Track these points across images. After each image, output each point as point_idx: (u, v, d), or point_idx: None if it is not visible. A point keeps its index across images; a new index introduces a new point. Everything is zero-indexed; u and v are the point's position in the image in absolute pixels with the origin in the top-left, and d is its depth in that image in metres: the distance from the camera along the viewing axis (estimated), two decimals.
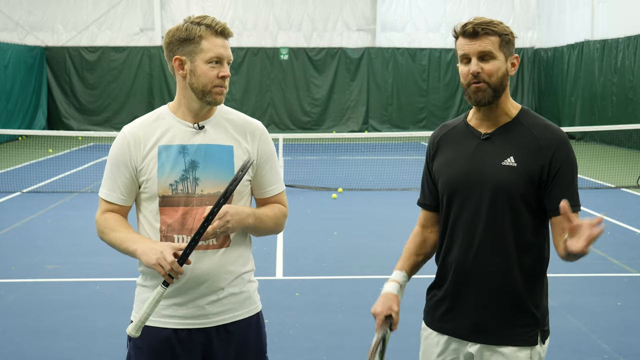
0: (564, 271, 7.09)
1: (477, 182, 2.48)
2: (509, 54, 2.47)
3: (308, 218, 9.50)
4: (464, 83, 2.48)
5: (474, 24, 2.44)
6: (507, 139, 2.49)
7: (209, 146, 2.57)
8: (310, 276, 6.90)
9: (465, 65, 2.46)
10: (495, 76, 2.43)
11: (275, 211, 2.69)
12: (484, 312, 2.52)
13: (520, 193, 2.44)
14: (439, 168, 2.60)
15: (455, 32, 2.48)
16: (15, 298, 6.24)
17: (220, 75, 2.52)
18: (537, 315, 2.52)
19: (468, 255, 2.51)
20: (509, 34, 2.46)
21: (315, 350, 5.08)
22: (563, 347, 5.08)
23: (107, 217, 2.61)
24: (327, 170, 13.84)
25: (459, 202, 2.52)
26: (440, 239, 2.63)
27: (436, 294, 2.64)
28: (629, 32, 17.68)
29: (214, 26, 2.51)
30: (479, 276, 2.50)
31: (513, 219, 2.46)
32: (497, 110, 2.51)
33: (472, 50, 2.43)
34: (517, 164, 2.44)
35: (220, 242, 2.58)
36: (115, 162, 2.59)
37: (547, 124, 2.52)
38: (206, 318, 2.59)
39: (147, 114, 2.68)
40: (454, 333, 2.58)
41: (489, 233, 2.47)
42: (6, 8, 22.22)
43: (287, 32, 23.09)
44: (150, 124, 2.60)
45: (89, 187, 12.01)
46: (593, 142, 19.21)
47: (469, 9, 23.09)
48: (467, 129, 2.58)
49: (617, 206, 10.31)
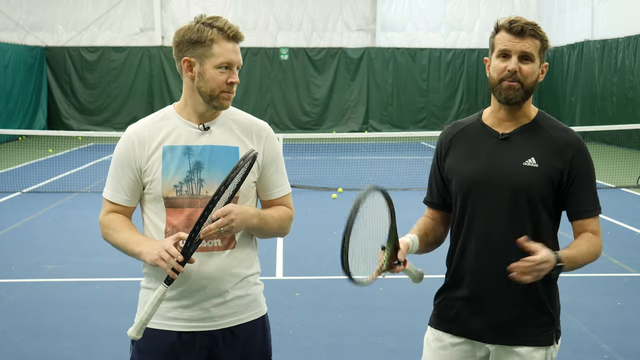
0: (564, 271, 7.10)
1: (496, 181, 2.45)
2: (542, 61, 2.47)
3: (308, 218, 9.49)
4: (495, 78, 2.44)
5: (522, 22, 2.42)
6: (527, 140, 2.47)
7: (214, 147, 2.54)
8: (310, 276, 6.90)
9: (503, 61, 2.42)
10: (530, 79, 2.42)
11: (281, 213, 2.65)
12: (503, 313, 2.50)
13: (540, 194, 2.43)
14: (453, 167, 2.56)
15: (498, 25, 2.46)
16: (15, 298, 6.23)
17: (229, 82, 2.48)
18: (553, 315, 2.54)
19: (486, 256, 2.48)
20: (547, 41, 2.47)
21: (315, 350, 5.08)
22: (563, 347, 5.05)
23: (111, 217, 2.58)
24: (327, 170, 13.84)
25: (475, 202, 2.49)
26: (454, 240, 2.59)
27: (449, 296, 2.60)
28: (629, 32, 17.68)
29: (227, 30, 2.46)
30: (497, 277, 2.44)
31: (532, 219, 2.45)
32: (519, 112, 2.50)
33: (515, 48, 2.40)
34: (538, 165, 2.43)
35: (225, 244, 2.55)
36: (120, 162, 2.56)
37: (565, 127, 2.53)
38: (212, 321, 2.57)
39: (152, 114, 2.64)
40: (469, 334, 2.55)
41: (508, 234, 2.42)
42: (6, 8, 22.23)
43: (287, 32, 23.10)
44: (155, 124, 2.57)
45: (89, 187, 12.00)
46: (593, 142, 19.20)
47: (469, 9, 23.09)
48: (483, 128, 2.54)
49: (617, 206, 10.30)
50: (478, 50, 22.85)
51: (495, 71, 2.44)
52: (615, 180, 12.60)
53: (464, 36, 23.24)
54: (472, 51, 22.90)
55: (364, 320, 5.65)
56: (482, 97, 22.99)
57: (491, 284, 2.49)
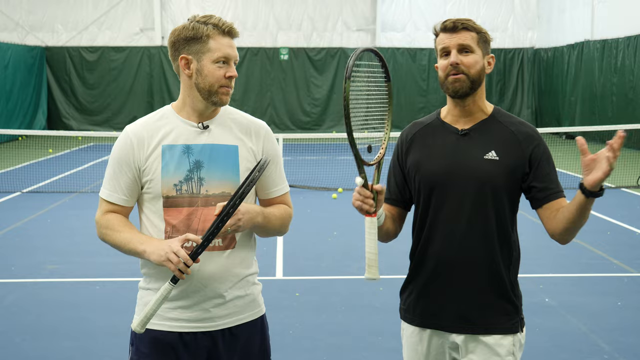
0: (564, 271, 7.10)
1: (460, 176, 2.54)
2: (486, 52, 2.57)
3: (308, 218, 9.49)
4: (442, 75, 2.55)
5: (453, 19, 2.54)
6: (486, 135, 2.57)
7: (214, 146, 2.54)
8: (310, 276, 6.90)
9: (445, 58, 2.54)
10: (473, 68, 2.52)
11: (282, 211, 2.67)
12: (468, 303, 2.57)
13: (502, 185, 2.53)
14: (415, 164, 2.64)
15: (436, 30, 2.57)
16: (15, 298, 6.23)
17: (227, 76, 2.50)
18: (517, 303, 2.62)
19: (452, 248, 2.56)
20: (485, 33, 2.57)
21: (315, 350, 5.07)
22: (563, 347, 5.08)
23: (109, 217, 2.56)
24: (327, 170, 13.84)
25: (439, 196, 2.57)
26: (417, 235, 2.66)
27: (415, 289, 2.67)
28: (629, 32, 17.68)
29: (221, 26, 2.49)
30: (463, 268, 2.55)
31: (496, 210, 2.54)
32: (473, 107, 2.59)
33: (452, 42, 2.51)
34: (499, 157, 2.53)
35: (226, 244, 2.55)
36: (118, 162, 2.55)
37: (522, 121, 2.63)
38: (212, 321, 2.57)
39: (150, 113, 2.64)
40: (437, 326, 2.62)
41: (473, 225, 2.53)
42: (6, 8, 22.23)
43: (287, 32, 23.09)
44: (153, 123, 2.56)
45: (89, 187, 12.00)
46: (593, 142, 19.18)
47: (469, 9, 23.09)
48: (443, 125, 2.64)
49: (617, 206, 10.30)
50: None
51: (441, 69, 2.56)
52: (615, 180, 12.59)
53: None
54: None
55: (364, 320, 5.65)
56: None
57: (457, 275, 2.57)
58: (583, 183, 2.32)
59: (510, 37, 23.32)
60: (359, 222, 2.96)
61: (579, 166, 2.61)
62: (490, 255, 2.54)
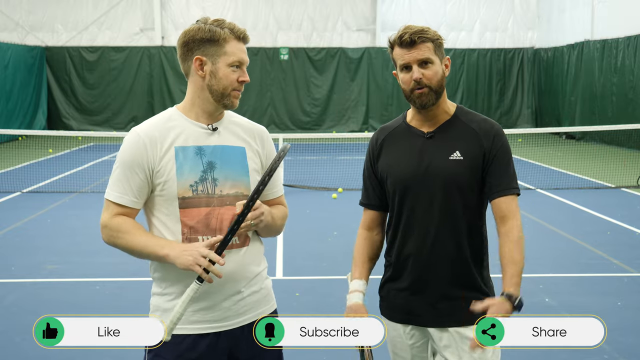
0: (564, 271, 7.10)
1: (428, 178, 2.64)
2: (442, 57, 2.66)
3: (308, 218, 9.50)
4: (406, 89, 2.63)
5: (409, 33, 2.60)
6: (450, 136, 2.67)
7: (224, 147, 2.57)
8: (310, 276, 6.90)
9: (406, 73, 2.62)
10: (435, 79, 2.60)
11: (280, 212, 2.72)
12: (443, 297, 2.67)
13: (468, 183, 2.64)
14: (386, 168, 2.73)
15: (390, 42, 2.67)
16: (15, 298, 6.23)
17: (240, 80, 2.54)
18: (490, 294, 2.70)
19: (425, 246, 2.66)
20: (440, 38, 2.65)
21: (315, 350, 5.08)
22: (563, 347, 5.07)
23: (120, 221, 2.51)
24: (327, 170, 13.84)
25: (411, 198, 2.67)
26: (393, 234, 2.76)
27: (393, 286, 2.77)
28: (629, 32, 17.68)
29: (237, 32, 2.53)
30: (436, 264, 2.66)
31: (464, 206, 2.65)
32: (437, 110, 2.68)
33: (412, 58, 2.60)
34: (463, 157, 2.64)
35: (242, 241, 2.58)
36: (129, 163, 2.51)
37: (484, 117, 2.73)
38: (233, 319, 2.58)
39: (155, 116, 2.63)
40: (416, 321, 2.73)
41: (443, 223, 2.64)
42: (6, 8, 22.23)
43: (287, 32, 23.10)
44: (163, 124, 2.55)
45: (89, 187, 12.00)
46: (593, 142, 19.20)
47: (468, 9, 23.09)
48: (409, 129, 2.74)
49: (617, 206, 10.30)
50: (478, 51, 22.86)
51: (404, 84, 2.64)
52: (615, 180, 12.59)
53: (464, 36, 23.24)
54: (472, 51, 22.91)
55: None
56: (482, 96, 23.02)
57: (431, 271, 2.67)
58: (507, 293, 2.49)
59: (510, 37, 23.33)
60: (359, 222, 2.98)
61: (579, 166, 2.62)
62: (461, 249, 2.65)
